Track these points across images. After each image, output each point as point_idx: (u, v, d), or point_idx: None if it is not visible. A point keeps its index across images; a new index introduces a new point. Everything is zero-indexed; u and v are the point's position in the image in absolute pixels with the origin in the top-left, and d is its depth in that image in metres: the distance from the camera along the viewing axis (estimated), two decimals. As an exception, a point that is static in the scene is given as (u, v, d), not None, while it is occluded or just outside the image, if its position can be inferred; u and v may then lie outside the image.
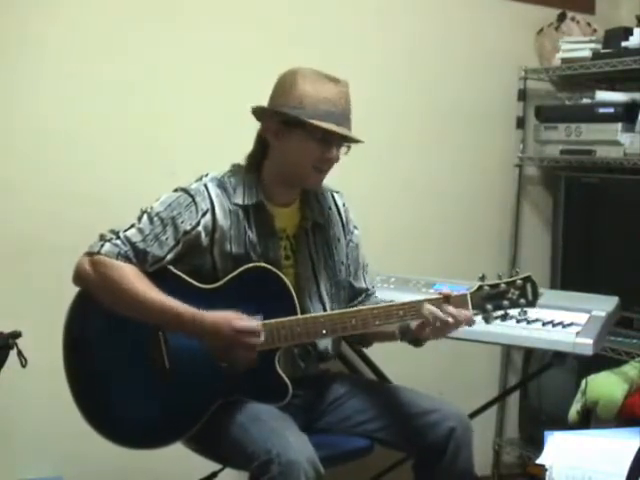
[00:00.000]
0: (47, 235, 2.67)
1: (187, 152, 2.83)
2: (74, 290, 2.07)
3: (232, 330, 1.95)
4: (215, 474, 2.42)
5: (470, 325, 2.06)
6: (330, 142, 2.08)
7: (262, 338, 1.98)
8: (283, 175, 2.13)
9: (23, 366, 2.11)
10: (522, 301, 2.06)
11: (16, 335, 2.13)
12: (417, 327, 2.07)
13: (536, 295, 2.07)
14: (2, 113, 2.63)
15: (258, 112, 2.14)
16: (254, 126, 2.17)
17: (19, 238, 2.65)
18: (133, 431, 2.07)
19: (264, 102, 2.14)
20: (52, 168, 2.69)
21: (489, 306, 2.06)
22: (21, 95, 2.65)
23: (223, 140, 2.83)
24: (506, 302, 2.06)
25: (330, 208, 2.27)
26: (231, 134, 2.80)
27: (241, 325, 1.96)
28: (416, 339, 2.12)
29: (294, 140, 2.07)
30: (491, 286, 2.06)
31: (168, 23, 2.81)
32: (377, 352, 2.47)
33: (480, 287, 2.06)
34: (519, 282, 2.06)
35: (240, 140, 2.18)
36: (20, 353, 2.12)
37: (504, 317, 2.09)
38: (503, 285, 2.06)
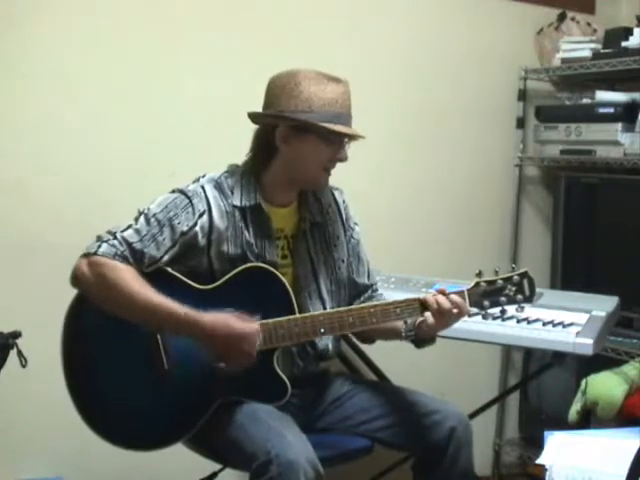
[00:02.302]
0: (47, 235, 2.67)
1: (187, 153, 2.82)
2: (74, 290, 2.07)
3: (230, 332, 1.94)
4: (215, 474, 2.42)
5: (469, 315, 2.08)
6: (341, 143, 2.09)
7: (259, 340, 1.97)
8: (291, 178, 2.13)
9: (23, 366, 2.11)
10: (519, 297, 2.06)
11: (16, 335, 2.13)
12: (420, 324, 2.07)
13: (533, 291, 2.07)
14: (4, 113, 2.63)
15: (259, 117, 2.13)
16: (248, 127, 2.16)
17: (19, 238, 2.65)
18: (132, 433, 2.06)
19: (259, 102, 2.13)
20: (53, 168, 2.69)
21: (486, 302, 2.06)
22: (23, 95, 2.65)
23: (222, 141, 2.83)
24: (503, 298, 2.06)
25: (330, 205, 2.27)
26: (230, 135, 2.79)
27: (239, 327, 1.95)
28: (418, 339, 2.12)
29: (306, 145, 2.06)
30: (488, 282, 2.06)
31: (167, 24, 2.81)
32: (377, 352, 2.47)
33: (477, 283, 2.06)
34: (516, 278, 2.06)
35: (239, 141, 2.18)
36: (20, 353, 2.12)
37: (502, 313, 2.08)
38: (500, 281, 2.06)
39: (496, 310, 2.08)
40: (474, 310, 2.06)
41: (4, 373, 2.11)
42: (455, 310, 2.02)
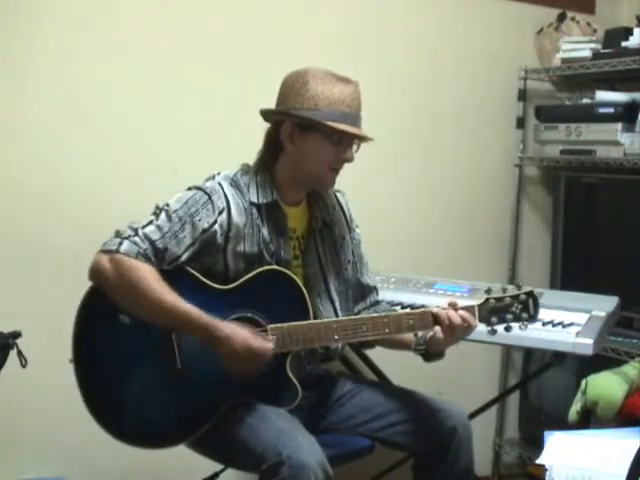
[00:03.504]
0: (48, 235, 2.67)
1: (189, 152, 2.82)
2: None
3: (244, 347, 1.95)
4: (217, 474, 2.42)
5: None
6: (347, 143, 2.09)
7: (268, 360, 1.98)
8: (298, 176, 2.13)
9: (23, 366, 2.11)
10: (524, 315, 2.09)
11: (16, 335, 2.12)
12: (430, 338, 2.10)
13: (537, 310, 2.10)
14: (4, 114, 2.63)
15: (268, 114, 2.13)
16: (256, 125, 2.16)
17: (20, 238, 2.65)
18: (142, 430, 2.06)
19: (266, 101, 2.14)
20: (53, 168, 2.69)
21: (494, 319, 2.09)
22: (23, 96, 2.65)
23: (225, 139, 2.84)
24: (510, 316, 2.09)
25: (335, 207, 2.28)
26: (233, 133, 2.81)
27: (255, 345, 1.96)
28: (428, 353, 2.15)
29: (311, 143, 2.07)
30: (497, 299, 2.10)
31: (170, 22, 2.81)
32: (377, 352, 2.47)
33: (487, 300, 2.09)
34: (523, 297, 2.10)
35: (242, 139, 2.18)
36: (20, 353, 2.11)
37: (507, 330, 2.11)
38: (508, 299, 2.09)
39: (501, 326, 2.10)
40: (480, 323, 2.09)
41: (4, 373, 2.11)
42: (465, 324, 2.05)
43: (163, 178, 2.65)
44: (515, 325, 2.11)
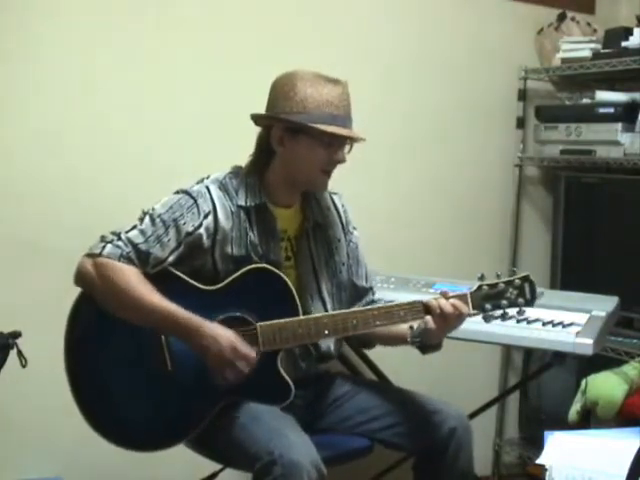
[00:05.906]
0: (47, 236, 2.67)
1: (184, 155, 2.82)
2: (74, 291, 2.07)
3: (230, 348, 1.94)
4: (216, 474, 2.42)
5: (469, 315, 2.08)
6: (337, 145, 2.08)
7: (251, 367, 1.97)
8: (290, 179, 2.13)
9: (23, 366, 2.11)
10: (520, 300, 2.07)
11: (16, 335, 2.13)
12: (424, 329, 2.08)
13: (534, 294, 2.07)
14: (1, 117, 2.63)
15: (258, 118, 2.13)
16: (252, 128, 2.16)
17: (20, 239, 2.65)
18: (135, 433, 2.06)
19: (262, 104, 2.14)
20: (52, 171, 2.69)
21: (488, 306, 2.06)
22: (20, 99, 2.65)
23: (220, 142, 2.83)
24: (505, 302, 2.06)
25: (329, 209, 2.27)
26: (228, 136, 2.80)
27: (240, 347, 1.95)
28: (424, 345, 2.13)
29: (301, 146, 2.06)
30: (490, 286, 2.07)
31: (167, 24, 2.81)
32: (377, 352, 2.47)
33: (479, 287, 2.07)
34: (517, 282, 2.07)
35: (237, 142, 2.17)
36: (20, 353, 2.11)
37: (503, 316, 2.09)
38: (502, 285, 2.07)
39: (497, 313, 2.08)
40: (474, 311, 2.07)
41: (4, 373, 2.11)
42: (457, 312, 2.03)
43: (159, 182, 2.64)
44: (512, 311, 2.08)
